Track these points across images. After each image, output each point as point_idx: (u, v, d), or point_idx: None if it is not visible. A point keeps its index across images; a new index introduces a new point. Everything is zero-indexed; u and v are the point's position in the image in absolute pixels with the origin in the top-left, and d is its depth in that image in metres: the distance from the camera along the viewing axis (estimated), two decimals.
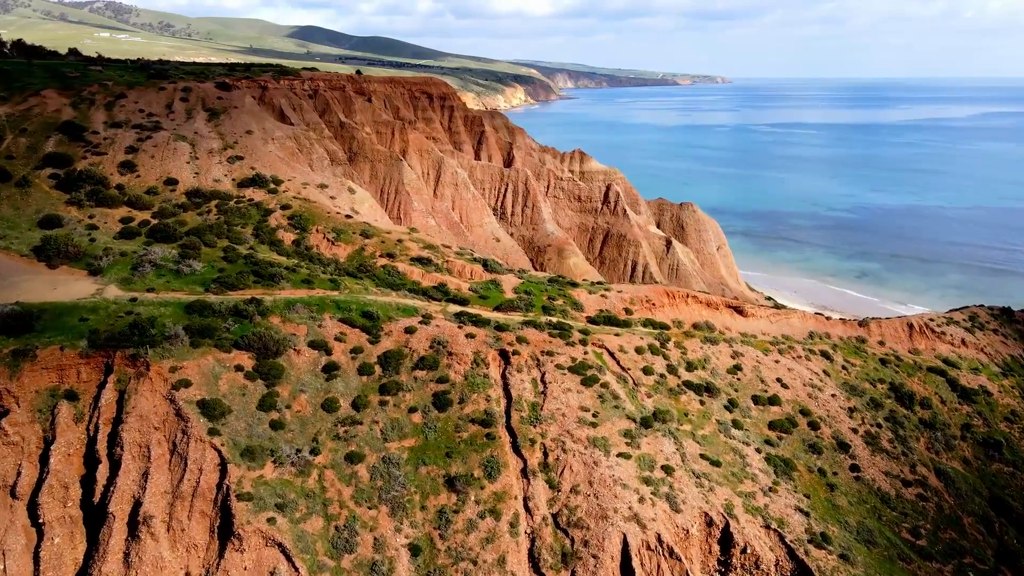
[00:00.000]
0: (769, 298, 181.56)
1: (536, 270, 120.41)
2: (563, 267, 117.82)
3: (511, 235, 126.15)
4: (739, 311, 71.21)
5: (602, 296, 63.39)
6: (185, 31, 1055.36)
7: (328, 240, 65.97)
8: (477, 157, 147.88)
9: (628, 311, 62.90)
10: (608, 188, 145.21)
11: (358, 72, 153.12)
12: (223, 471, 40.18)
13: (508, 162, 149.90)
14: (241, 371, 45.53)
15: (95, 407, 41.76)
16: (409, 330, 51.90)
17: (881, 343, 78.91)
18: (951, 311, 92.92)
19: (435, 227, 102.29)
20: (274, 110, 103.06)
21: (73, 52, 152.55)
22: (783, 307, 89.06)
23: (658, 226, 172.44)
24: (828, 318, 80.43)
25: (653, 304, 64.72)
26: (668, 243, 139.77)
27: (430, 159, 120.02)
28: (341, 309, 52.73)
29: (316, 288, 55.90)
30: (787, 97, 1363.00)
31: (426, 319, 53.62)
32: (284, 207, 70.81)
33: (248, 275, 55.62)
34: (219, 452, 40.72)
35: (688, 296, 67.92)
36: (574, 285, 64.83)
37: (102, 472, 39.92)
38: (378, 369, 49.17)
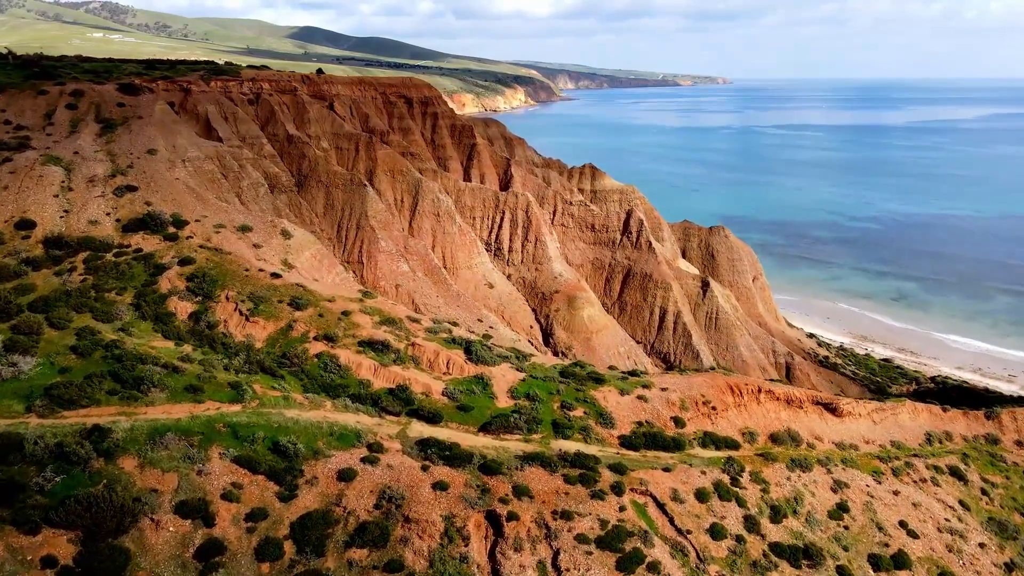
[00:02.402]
0: (811, 335, 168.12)
1: (541, 323, 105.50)
2: (575, 321, 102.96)
3: (508, 277, 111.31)
4: (830, 409, 56.33)
5: (639, 398, 48.50)
6: (182, 32, 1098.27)
7: (241, 313, 51.14)
8: (467, 176, 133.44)
9: (678, 421, 47.96)
10: (628, 215, 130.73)
11: (319, 71, 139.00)
12: None
13: (505, 182, 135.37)
14: (52, 568, 30.64)
15: None
16: (345, 475, 36.99)
17: (1020, 443, 64.13)
18: None
19: (409, 273, 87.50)
20: (199, 120, 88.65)
21: None
22: (888, 390, 74.13)
23: (684, 255, 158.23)
24: (945, 409, 65.40)
25: (713, 408, 49.80)
26: (704, 285, 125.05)
27: (405, 182, 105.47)
28: (239, 439, 37.84)
29: (206, 400, 40.99)
30: (790, 98, 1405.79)
31: (373, 453, 38.79)
32: (184, 261, 55.98)
33: (103, 380, 40.73)
34: None
35: (760, 391, 52.99)
36: (598, 380, 49.88)
37: None
38: (289, 548, 34.14)
